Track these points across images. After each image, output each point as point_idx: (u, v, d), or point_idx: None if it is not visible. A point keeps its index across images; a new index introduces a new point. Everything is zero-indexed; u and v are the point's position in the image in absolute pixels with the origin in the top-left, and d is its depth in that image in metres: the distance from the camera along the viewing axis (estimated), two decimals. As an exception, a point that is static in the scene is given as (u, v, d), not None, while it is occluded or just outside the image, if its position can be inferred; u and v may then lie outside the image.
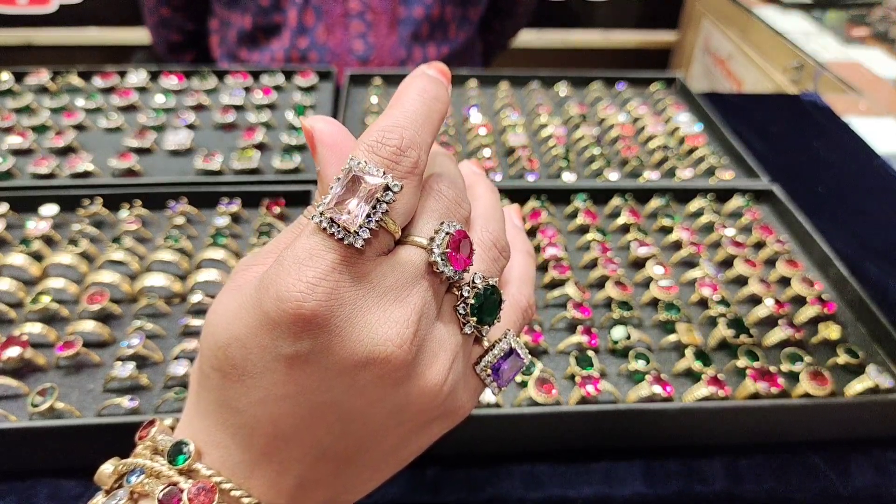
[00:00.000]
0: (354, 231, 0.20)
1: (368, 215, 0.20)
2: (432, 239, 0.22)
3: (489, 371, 0.24)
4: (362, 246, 0.20)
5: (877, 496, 0.39)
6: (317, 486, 0.23)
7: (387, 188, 0.21)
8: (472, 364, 0.24)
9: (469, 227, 0.25)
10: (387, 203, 0.21)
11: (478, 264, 0.24)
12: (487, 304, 0.24)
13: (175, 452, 0.22)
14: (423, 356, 0.22)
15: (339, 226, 0.20)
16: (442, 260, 0.22)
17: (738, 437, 0.40)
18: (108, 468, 0.23)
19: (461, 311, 0.23)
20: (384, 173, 0.21)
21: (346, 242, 0.20)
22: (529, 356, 0.26)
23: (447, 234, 0.22)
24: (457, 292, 0.23)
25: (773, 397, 0.39)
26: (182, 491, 0.21)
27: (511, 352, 0.25)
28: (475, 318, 0.23)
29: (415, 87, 0.24)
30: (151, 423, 0.24)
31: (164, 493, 0.21)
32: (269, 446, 0.22)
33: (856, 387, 0.40)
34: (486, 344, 0.25)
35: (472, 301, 0.23)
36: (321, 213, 0.20)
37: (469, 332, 0.23)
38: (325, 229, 0.20)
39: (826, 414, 0.40)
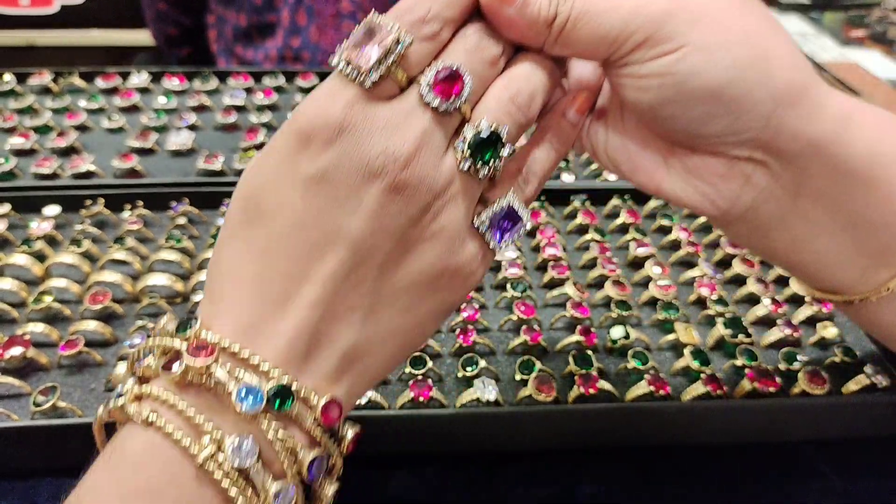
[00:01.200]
0: (366, 71, 0.23)
1: (379, 60, 0.23)
2: (423, 73, 0.24)
3: (486, 224, 0.26)
4: (370, 87, 0.23)
5: (876, 495, 0.39)
6: (331, 342, 0.24)
7: (397, 41, 0.23)
8: (472, 220, 0.26)
9: (493, 77, 0.26)
10: (395, 54, 0.23)
11: (488, 113, 0.25)
12: (486, 146, 0.25)
13: (182, 327, 0.24)
14: (423, 180, 0.24)
15: (351, 65, 0.23)
16: (427, 91, 0.24)
17: (736, 436, 0.41)
18: (121, 368, 0.26)
19: (459, 147, 0.25)
20: (398, 28, 0.23)
21: (357, 81, 0.23)
22: (531, 219, 0.27)
23: (437, 68, 0.24)
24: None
25: (770, 396, 0.40)
26: (181, 353, 0.23)
27: (511, 210, 0.26)
28: (469, 152, 0.24)
29: None
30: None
31: (167, 360, 0.23)
32: (282, 294, 0.23)
33: (851, 386, 0.40)
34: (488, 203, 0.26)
35: (470, 138, 0.24)
36: (340, 56, 0.24)
37: (465, 169, 0.25)
38: (341, 71, 0.24)
39: (823, 413, 0.40)
